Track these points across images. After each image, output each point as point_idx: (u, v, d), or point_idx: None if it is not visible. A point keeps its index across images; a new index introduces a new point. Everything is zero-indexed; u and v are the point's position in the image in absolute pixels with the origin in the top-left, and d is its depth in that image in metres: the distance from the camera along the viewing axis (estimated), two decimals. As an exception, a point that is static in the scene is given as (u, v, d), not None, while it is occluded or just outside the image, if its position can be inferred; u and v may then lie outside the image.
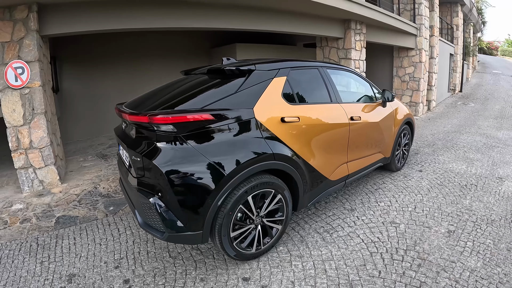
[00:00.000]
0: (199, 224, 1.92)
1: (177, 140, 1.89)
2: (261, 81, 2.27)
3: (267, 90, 2.28)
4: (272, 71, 2.38)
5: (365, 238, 2.59)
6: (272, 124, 2.21)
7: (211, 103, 2.02)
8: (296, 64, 2.64)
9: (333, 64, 3.16)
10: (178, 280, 2.14)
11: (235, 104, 2.08)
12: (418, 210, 3.07)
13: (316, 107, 2.62)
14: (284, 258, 2.36)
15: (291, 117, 2.34)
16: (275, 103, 2.30)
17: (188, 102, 2.05)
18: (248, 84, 2.20)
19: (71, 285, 2.14)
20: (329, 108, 2.74)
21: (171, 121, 1.86)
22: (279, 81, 2.38)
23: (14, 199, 3.85)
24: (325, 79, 2.84)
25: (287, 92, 2.44)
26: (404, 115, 3.97)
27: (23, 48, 3.60)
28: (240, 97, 2.13)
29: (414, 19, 7.86)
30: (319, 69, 2.85)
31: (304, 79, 2.69)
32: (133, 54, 6.88)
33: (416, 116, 8.21)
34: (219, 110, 2.01)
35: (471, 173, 4.05)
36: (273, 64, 2.45)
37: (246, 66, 2.32)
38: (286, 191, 2.31)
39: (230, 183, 1.95)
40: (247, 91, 2.18)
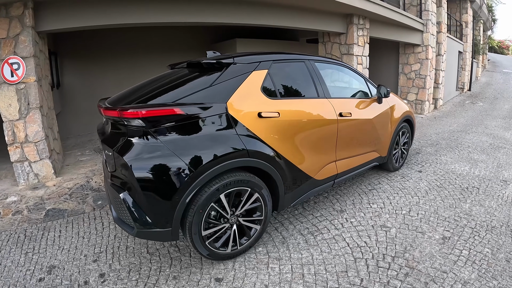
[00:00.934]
0: (168, 221, 1.85)
1: (147, 135, 1.83)
2: (238, 75, 2.15)
3: (244, 83, 2.14)
4: (251, 64, 2.24)
5: (351, 242, 2.41)
6: (248, 119, 2.08)
7: (183, 97, 1.94)
8: (279, 57, 2.46)
9: (323, 57, 2.95)
10: (152, 276, 2.09)
11: (208, 98, 1.98)
12: (413, 213, 2.85)
13: (299, 102, 2.44)
14: (262, 260, 2.22)
15: (270, 112, 2.19)
16: (252, 97, 2.15)
17: (162, 97, 1.97)
18: (224, 78, 2.09)
19: (50, 276, 2.16)
20: (315, 103, 2.55)
21: (140, 116, 1.79)
22: (258, 75, 2.23)
23: (9, 192, 3.86)
24: (312, 73, 2.64)
25: (268, 86, 2.29)
26: (403, 113, 3.72)
27: (19, 44, 3.59)
28: (214, 91, 2.02)
29: (421, 14, 7.48)
30: (306, 62, 2.66)
31: (288, 73, 2.51)
32: (133, 50, 6.79)
33: (421, 115, 7.88)
34: (190, 104, 1.91)
35: (474, 175, 3.79)
36: (253, 57, 2.30)
37: (225, 59, 2.19)
38: (264, 190, 2.17)
39: (198, 180, 1.86)
40: (222, 85, 2.07)
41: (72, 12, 3.81)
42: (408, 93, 8.16)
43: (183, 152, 1.83)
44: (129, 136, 1.87)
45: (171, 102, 1.90)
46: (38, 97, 3.76)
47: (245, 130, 2.06)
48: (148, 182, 1.78)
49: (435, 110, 8.57)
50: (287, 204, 2.43)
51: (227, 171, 1.99)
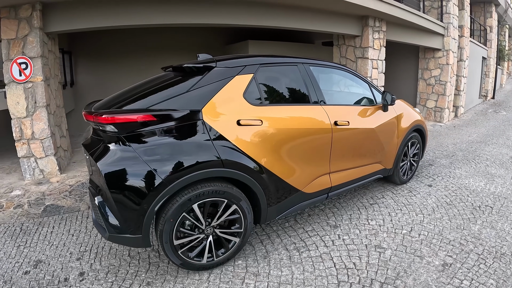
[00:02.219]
0: (138, 228, 1.82)
1: (120, 140, 1.82)
2: (218, 80, 2.03)
3: (223, 89, 2.02)
4: (235, 68, 2.10)
5: (338, 263, 2.22)
6: (225, 127, 1.97)
7: (160, 102, 1.88)
8: (268, 60, 2.30)
9: (322, 61, 2.73)
10: (127, 280, 2.08)
11: (184, 104, 1.90)
12: (414, 233, 2.61)
13: (287, 109, 2.27)
14: (238, 274, 2.11)
15: (251, 120, 2.06)
16: (232, 104, 2.03)
17: (139, 102, 1.92)
18: (203, 83, 1.99)
19: (35, 270, 2.22)
20: (305, 110, 2.37)
21: (111, 121, 1.77)
22: (242, 79, 2.10)
23: (15, 186, 3.98)
24: (305, 77, 2.45)
25: (252, 91, 2.15)
26: (412, 122, 3.44)
27: (27, 45, 3.69)
28: (190, 97, 1.93)
29: (442, 17, 7.01)
30: (299, 66, 2.46)
31: (278, 77, 2.35)
32: (147, 50, 6.83)
33: (440, 123, 7.41)
34: (163, 110, 1.84)
35: (489, 192, 3.45)
36: (238, 61, 2.17)
37: (207, 63, 2.08)
38: (243, 202, 2.04)
39: (167, 189, 1.79)
40: (200, 90, 1.97)
41: (79, 14, 3.86)
42: (427, 99, 7.71)
43: (153, 159, 1.78)
44: (104, 141, 1.87)
45: (146, 107, 1.85)
46: (44, 96, 3.85)
47: (221, 139, 1.95)
48: (118, 188, 1.76)
49: (455, 119, 8.04)
50: (272, 217, 2.29)
51: (200, 180, 1.90)
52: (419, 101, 7.92)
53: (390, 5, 5.39)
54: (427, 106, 7.73)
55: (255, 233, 2.67)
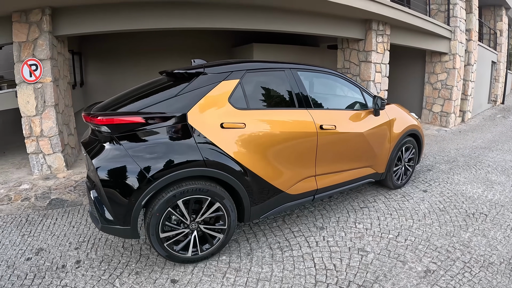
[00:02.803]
0: (127, 220, 1.93)
1: (113, 140, 1.95)
2: (205, 85, 2.13)
3: (209, 94, 2.12)
4: (221, 74, 2.20)
5: (319, 263, 2.21)
6: (208, 130, 2.05)
7: (151, 105, 2.00)
8: (255, 66, 2.37)
9: (310, 66, 2.74)
10: (118, 269, 2.18)
11: (172, 108, 2.02)
12: (400, 239, 2.55)
13: (271, 113, 2.31)
14: (221, 269, 2.17)
15: (234, 123, 2.13)
16: (217, 108, 2.12)
17: (133, 104, 2.04)
18: (190, 88, 2.10)
19: (36, 257, 2.36)
20: (290, 114, 2.39)
21: (105, 123, 1.91)
22: (227, 84, 2.18)
23: (24, 180, 4.14)
24: (291, 82, 2.47)
25: (238, 96, 2.22)
26: (407, 127, 3.36)
27: (37, 47, 3.84)
28: (178, 101, 2.05)
29: (448, 21, 6.81)
30: (286, 71, 2.49)
31: (264, 82, 2.40)
32: (154, 52, 6.95)
33: (446, 128, 7.20)
34: (151, 113, 1.97)
35: (486, 199, 3.33)
36: (225, 67, 2.25)
37: (196, 69, 2.19)
38: (226, 200, 2.12)
39: (153, 185, 1.91)
40: (188, 94, 2.08)
41: (87, 18, 3.99)
42: (433, 104, 7.50)
43: (141, 158, 1.90)
44: (100, 141, 2.01)
45: (138, 110, 1.97)
46: (53, 96, 3.99)
47: (205, 140, 2.04)
48: (110, 183, 1.89)
49: (462, 124, 7.79)
50: (256, 216, 2.33)
51: (185, 178, 1.99)
52: (425, 106, 7.73)
53: (393, 9, 5.29)
54: (433, 111, 7.53)
55: (242, 231, 2.69)
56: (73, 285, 2.01)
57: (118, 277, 2.08)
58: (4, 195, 3.75)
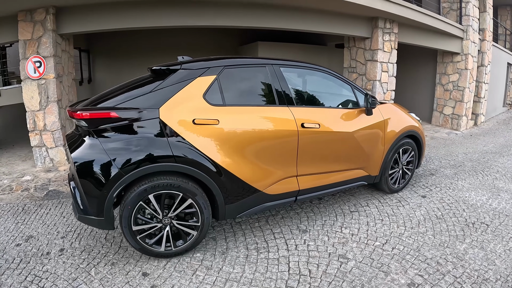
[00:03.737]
0: (100, 211, 1.96)
1: (90, 134, 1.97)
2: (180, 81, 2.10)
3: (183, 90, 2.08)
4: (197, 70, 2.15)
5: (294, 268, 2.06)
6: (179, 126, 2.01)
7: (126, 101, 2.02)
8: (234, 62, 2.29)
9: (296, 62, 2.58)
10: (96, 259, 2.22)
11: (146, 103, 2.01)
12: (387, 247, 2.33)
13: (247, 110, 2.21)
14: (192, 266, 2.11)
15: (207, 119, 2.07)
16: (190, 104, 2.07)
17: (111, 100, 2.06)
18: (166, 84, 2.08)
19: (25, 244, 2.45)
20: (268, 111, 2.26)
21: (82, 117, 1.94)
22: (203, 81, 2.13)
23: (27, 172, 4.20)
24: (273, 79, 2.34)
25: (214, 92, 2.15)
26: (404, 127, 3.10)
27: (41, 45, 3.88)
28: (152, 97, 2.04)
29: (461, 19, 6.34)
30: (268, 67, 2.36)
31: (243, 78, 2.30)
32: (161, 50, 6.90)
33: (456, 131, 6.76)
34: (124, 109, 1.98)
35: (490, 208, 3.02)
36: (202, 63, 2.21)
37: (172, 65, 2.16)
38: (199, 197, 2.06)
39: (123, 178, 1.91)
40: (162, 90, 2.06)
41: (90, 17, 3.99)
42: (444, 106, 7.07)
43: (113, 151, 1.92)
44: (80, 134, 2.04)
45: (115, 105, 1.99)
46: (56, 92, 4.03)
47: (175, 136, 2.01)
48: (85, 175, 1.92)
49: (474, 127, 7.29)
50: (232, 215, 2.25)
51: (156, 173, 1.98)
52: (436, 107, 7.29)
53: (400, 6, 4.98)
54: (444, 113, 7.09)
55: (222, 229, 2.59)
56: (53, 271, 2.07)
57: (94, 267, 2.12)
58: (6, 185, 3.81)
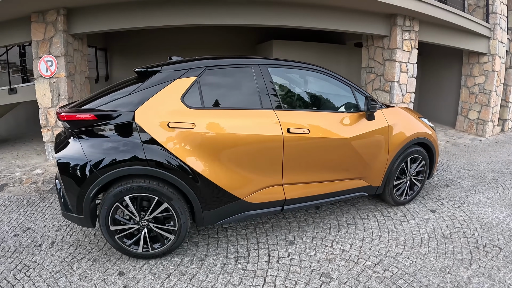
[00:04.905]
0: (79, 209, 1.98)
1: (72, 135, 1.98)
2: (158, 83, 2.03)
3: (161, 92, 2.00)
4: (177, 72, 2.06)
5: (269, 283, 1.91)
6: (154, 129, 1.95)
7: (107, 103, 2.00)
8: (216, 63, 2.15)
9: (287, 61, 2.37)
10: (81, 254, 2.26)
11: (124, 106, 1.98)
12: (379, 268, 2.08)
13: (228, 113, 2.08)
14: (167, 269, 2.07)
15: (182, 123, 1.98)
16: (166, 107, 1.99)
17: (94, 102, 2.05)
18: (145, 86, 2.02)
19: (23, 234, 2.54)
20: (250, 115, 2.11)
21: (66, 119, 1.96)
22: (182, 83, 2.04)
23: (39, 165, 4.36)
24: (259, 80, 2.16)
25: (193, 94, 2.06)
26: (413, 134, 2.77)
27: (53, 45, 3.97)
28: (131, 99, 2.00)
29: (487, 17, 5.66)
30: (254, 67, 2.18)
31: (226, 80, 2.16)
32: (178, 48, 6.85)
33: (481, 137, 6.14)
34: (102, 111, 1.97)
35: (506, 228, 2.64)
36: (183, 64, 2.11)
37: (154, 67, 2.09)
38: (175, 202, 2.00)
39: (99, 179, 1.92)
40: (140, 93, 2.01)
41: (99, 17, 4.00)
42: (469, 110, 6.43)
43: (91, 153, 1.92)
44: (64, 135, 2.09)
45: (96, 107, 1.99)
46: (67, 90, 4.11)
47: (149, 139, 1.95)
48: (66, 175, 1.95)
49: (501, 133, 6.57)
50: (211, 221, 2.15)
51: (132, 176, 1.97)
52: (461, 112, 6.67)
53: (420, 2, 4.52)
54: (469, 118, 6.46)
55: (207, 234, 2.49)
56: (41, 262, 2.14)
57: (77, 261, 2.15)
58: (17, 178, 3.94)
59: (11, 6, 3.53)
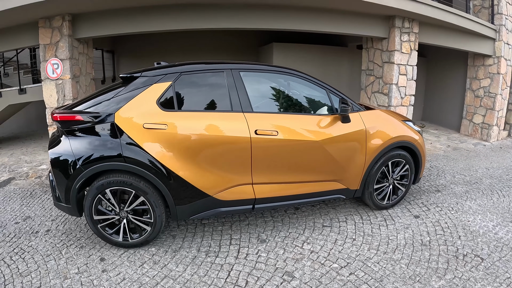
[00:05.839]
0: (67, 200, 2.13)
1: (63, 134, 2.13)
2: (137, 88, 2.15)
3: (139, 95, 2.12)
4: (154, 77, 2.18)
5: (233, 277, 1.93)
6: (131, 129, 2.07)
7: (94, 105, 2.14)
8: (191, 68, 2.24)
9: (260, 65, 2.38)
10: (71, 241, 2.39)
11: (106, 108, 2.11)
12: (345, 271, 1.98)
13: (198, 115, 2.16)
14: (143, 258, 2.17)
15: (155, 124, 2.08)
16: (143, 109, 2.10)
17: (83, 104, 2.18)
18: (126, 90, 2.15)
19: (23, 222, 2.71)
20: (220, 117, 2.16)
21: (57, 119, 2.11)
22: (158, 87, 2.15)
23: (45, 161, 4.53)
24: (230, 84, 2.22)
25: (168, 98, 2.16)
26: (393, 137, 2.63)
27: (58, 49, 4.12)
28: (112, 102, 2.13)
29: (493, 18, 5.30)
30: (226, 72, 2.24)
31: (200, 84, 2.24)
32: (182, 51, 6.95)
33: (486, 142, 5.78)
34: (87, 112, 2.10)
35: (493, 237, 2.44)
36: (161, 70, 2.22)
37: (135, 73, 2.21)
38: (150, 196, 2.11)
39: (83, 173, 2.06)
40: (122, 96, 2.14)
41: (103, 23, 4.11)
42: (474, 114, 6.08)
43: (77, 150, 2.07)
44: (58, 133, 2.24)
45: (85, 108, 2.13)
46: (72, 91, 4.24)
47: (127, 139, 2.07)
48: (56, 168, 2.11)
49: (507, 138, 6.15)
50: (184, 216, 2.22)
51: (112, 171, 2.09)
52: (466, 115, 6.32)
53: (418, 3, 4.32)
54: (473, 122, 6.11)
55: (186, 228, 2.53)
56: (35, 247, 2.32)
57: (67, 247, 2.30)
58: (24, 172, 4.09)
59: (21, 12, 3.68)
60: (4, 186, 3.65)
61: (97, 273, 1.99)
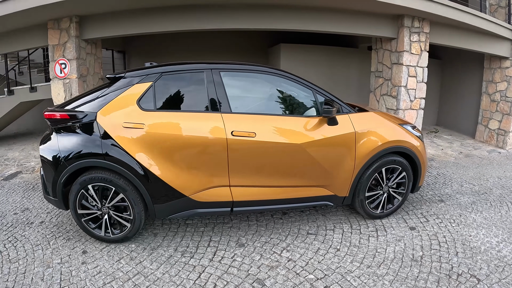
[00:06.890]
0: (54, 193, 2.17)
1: (53, 131, 2.18)
2: (120, 88, 2.16)
3: (120, 96, 2.13)
4: (136, 78, 2.18)
5: (202, 278, 1.88)
6: (111, 128, 2.08)
7: (82, 104, 2.17)
8: (172, 69, 2.21)
9: (243, 65, 2.27)
10: (60, 233, 2.45)
11: (91, 107, 2.13)
12: (319, 284, 1.81)
13: (175, 115, 2.12)
14: (121, 253, 2.17)
15: (134, 123, 2.08)
16: (123, 108, 2.10)
17: (74, 103, 2.21)
18: (110, 90, 2.17)
19: (22, 213, 2.79)
20: (197, 117, 2.12)
21: (47, 117, 2.15)
22: (139, 87, 2.14)
23: None
24: (209, 84, 2.15)
25: (148, 98, 2.14)
26: (387, 142, 2.40)
27: (66, 50, 4.20)
28: (98, 101, 2.15)
29: (509, 18, 4.80)
30: (206, 72, 2.17)
31: (179, 84, 2.21)
32: (192, 52, 6.92)
33: (501, 149, 5.29)
34: (75, 111, 2.13)
35: (496, 255, 2.16)
36: (143, 71, 2.21)
37: (119, 74, 2.22)
38: (129, 193, 2.10)
39: (67, 169, 2.09)
40: (105, 96, 2.16)
41: (109, 24, 4.14)
42: (490, 119, 5.59)
43: (62, 147, 2.11)
44: (49, 131, 2.27)
45: (74, 107, 2.16)
46: (78, 90, 4.31)
47: (107, 137, 2.08)
48: (45, 164, 2.17)
49: (527, 146, 5.62)
50: (162, 215, 2.19)
51: (94, 168, 2.11)
52: (481, 120, 5.83)
53: (428, 1, 3.99)
54: (489, 127, 5.62)
55: (168, 228, 2.49)
56: (27, 236, 2.39)
57: (56, 239, 2.35)
58: (31, 167, 4.20)
59: (30, 14, 3.78)
60: (11, 179, 3.75)
61: (77, 264, 2.03)
